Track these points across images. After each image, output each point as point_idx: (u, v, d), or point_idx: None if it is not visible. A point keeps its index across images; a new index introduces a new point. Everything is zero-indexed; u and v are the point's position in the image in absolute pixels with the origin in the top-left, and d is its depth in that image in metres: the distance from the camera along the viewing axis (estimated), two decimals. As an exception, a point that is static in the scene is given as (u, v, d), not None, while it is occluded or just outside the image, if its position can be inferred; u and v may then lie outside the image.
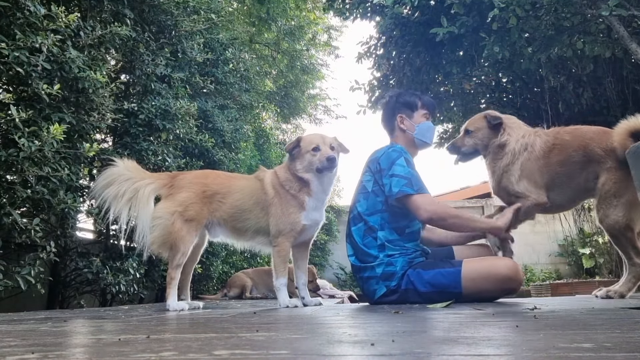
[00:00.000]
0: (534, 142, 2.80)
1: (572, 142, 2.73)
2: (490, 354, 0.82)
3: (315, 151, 2.64)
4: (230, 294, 5.43)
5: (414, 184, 2.66)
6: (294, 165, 2.69)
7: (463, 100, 7.65)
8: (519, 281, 2.54)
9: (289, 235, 2.65)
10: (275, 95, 11.01)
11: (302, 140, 2.73)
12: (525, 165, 2.77)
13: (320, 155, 2.63)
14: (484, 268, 2.55)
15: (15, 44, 2.56)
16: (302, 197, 2.65)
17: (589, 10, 4.57)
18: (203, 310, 2.52)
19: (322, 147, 2.65)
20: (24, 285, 2.66)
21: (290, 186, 2.67)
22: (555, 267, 10.63)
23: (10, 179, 2.63)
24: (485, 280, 2.52)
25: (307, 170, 2.65)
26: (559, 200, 2.83)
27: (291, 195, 2.66)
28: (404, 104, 3.01)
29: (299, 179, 2.66)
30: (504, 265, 2.54)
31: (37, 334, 1.35)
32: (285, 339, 1.09)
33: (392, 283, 2.65)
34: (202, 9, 4.97)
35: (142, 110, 3.89)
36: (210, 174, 2.93)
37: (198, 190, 2.68)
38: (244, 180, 2.87)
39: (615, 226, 2.57)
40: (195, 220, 2.63)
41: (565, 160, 2.72)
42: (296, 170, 2.66)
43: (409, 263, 2.68)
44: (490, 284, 2.51)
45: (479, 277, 2.52)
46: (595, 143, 2.65)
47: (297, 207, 2.65)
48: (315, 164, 2.63)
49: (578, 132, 2.77)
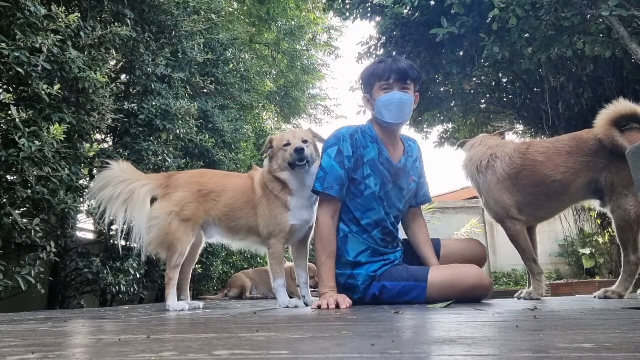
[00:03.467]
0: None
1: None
2: (490, 354, 0.82)
3: (286, 147, 2.59)
4: (230, 294, 5.43)
5: (326, 181, 2.53)
6: (271, 166, 2.66)
7: (463, 100, 7.65)
8: (484, 288, 2.49)
9: (280, 237, 2.64)
10: (275, 95, 11.00)
11: (274, 139, 2.69)
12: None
13: (290, 149, 2.56)
14: (449, 279, 2.48)
15: (15, 44, 2.56)
16: (284, 197, 2.62)
17: (589, 10, 4.57)
18: (203, 310, 2.51)
19: (293, 141, 2.59)
20: (24, 285, 2.66)
21: (272, 187, 2.65)
22: (555, 267, 10.63)
23: (10, 179, 2.63)
24: (450, 290, 2.46)
25: (282, 169, 2.62)
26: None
27: (275, 196, 2.64)
28: (363, 83, 2.74)
29: (277, 179, 2.63)
30: (469, 274, 2.48)
31: (37, 334, 1.35)
32: (285, 339, 1.09)
33: (355, 295, 2.58)
34: (202, 9, 4.97)
35: (142, 110, 3.89)
36: (205, 172, 2.93)
37: (194, 190, 2.68)
38: (237, 179, 2.86)
39: (625, 217, 2.56)
40: (192, 220, 2.62)
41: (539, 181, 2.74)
42: (273, 171, 2.64)
43: (370, 277, 2.60)
44: (455, 294, 2.45)
45: (444, 287, 2.47)
46: (577, 154, 2.66)
47: (282, 207, 2.62)
48: (287, 159, 2.58)
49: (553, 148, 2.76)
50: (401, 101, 2.57)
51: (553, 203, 2.81)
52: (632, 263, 2.60)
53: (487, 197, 2.87)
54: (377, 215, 2.64)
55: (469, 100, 7.73)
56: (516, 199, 2.78)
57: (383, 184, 2.64)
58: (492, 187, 2.83)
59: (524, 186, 2.75)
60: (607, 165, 2.58)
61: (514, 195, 2.78)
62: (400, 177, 2.70)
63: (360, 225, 2.64)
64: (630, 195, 2.53)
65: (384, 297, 2.57)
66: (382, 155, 2.66)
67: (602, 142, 2.56)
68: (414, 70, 2.61)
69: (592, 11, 4.51)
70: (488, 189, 2.85)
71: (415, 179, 2.79)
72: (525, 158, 2.77)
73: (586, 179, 2.65)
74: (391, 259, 2.69)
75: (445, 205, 10.96)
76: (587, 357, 0.76)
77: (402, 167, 2.71)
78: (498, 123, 8.65)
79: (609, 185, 2.59)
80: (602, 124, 2.55)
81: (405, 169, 2.73)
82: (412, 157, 2.79)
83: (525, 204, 2.78)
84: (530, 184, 2.74)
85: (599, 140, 2.57)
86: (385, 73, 2.58)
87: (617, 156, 2.49)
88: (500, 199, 2.80)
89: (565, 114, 6.62)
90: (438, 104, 7.62)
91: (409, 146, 2.82)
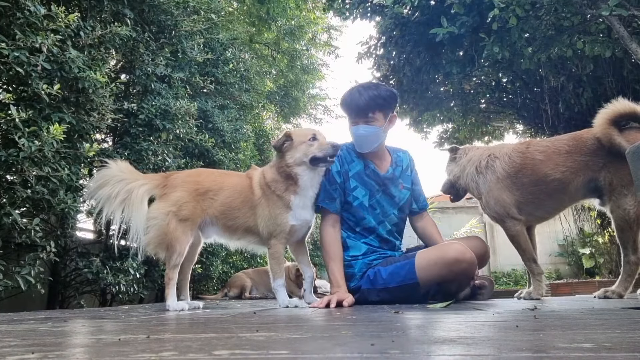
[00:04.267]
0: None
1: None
2: (490, 354, 0.82)
3: (312, 141, 2.62)
4: (230, 294, 5.43)
5: (320, 195, 2.76)
6: (283, 160, 2.64)
7: (463, 100, 7.66)
8: (466, 261, 2.53)
9: (280, 237, 2.64)
10: (275, 95, 11.00)
11: (294, 133, 2.69)
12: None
13: (320, 144, 2.60)
14: (434, 254, 2.61)
15: (15, 44, 2.56)
16: (288, 196, 2.62)
17: (589, 10, 4.57)
18: (203, 310, 2.51)
19: (320, 136, 2.65)
20: (24, 285, 2.66)
21: (276, 187, 2.63)
22: (555, 267, 10.63)
23: (10, 179, 2.63)
24: (435, 266, 2.56)
25: (298, 163, 2.61)
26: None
27: (277, 196, 2.63)
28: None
29: (287, 176, 2.62)
30: (452, 249, 2.57)
31: (37, 334, 1.35)
32: (285, 339, 1.09)
33: (351, 284, 2.74)
34: (202, 9, 4.97)
35: (142, 110, 3.89)
36: (203, 172, 2.93)
37: (191, 189, 2.67)
38: (235, 178, 2.84)
39: (625, 217, 2.57)
40: (190, 220, 2.61)
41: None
42: (287, 165, 2.62)
43: (367, 265, 2.76)
44: (440, 268, 2.54)
45: (429, 264, 2.57)
46: (576, 154, 2.66)
47: (283, 207, 2.62)
48: (312, 153, 2.59)
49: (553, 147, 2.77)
50: (364, 136, 2.77)
51: (553, 202, 2.81)
52: (632, 263, 2.60)
53: (487, 197, 2.87)
54: (369, 224, 2.83)
55: (469, 100, 7.74)
56: (516, 198, 2.78)
57: (372, 193, 2.85)
58: (492, 187, 2.83)
59: (524, 185, 2.76)
60: (606, 164, 2.58)
61: (514, 194, 2.78)
62: (389, 185, 2.88)
63: (357, 232, 2.85)
64: (630, 195, 2.53)
65: (378, 282, 2.66)
66: (369, 167, 2.86)
67: (600, 142, 2.56)
68: (379, 99, 2.72)
69: (592, 11, 4.51)
70: (488, 189, 2.85)
71: (406, 186, 2.95)
72: (524, 157, 2.77)
73: (585, 178, 2.65)
74: (388, 254, 2.84)
75: (446, 205, 10.94)
76: (587, 357, 0.76)
77: (390, 177, 2.89)
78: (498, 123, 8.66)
79: (607, 184, 2.59)
80: (601, 123, 2.55)
81: (394, 178, 2.91)
82: (400, 167, 2.97)
83: (525, 203, 2.78)
84: (530, 183, 2.74)
85: (598, 140, 2.58)
86: (347, 109, 2.81)
87: (616, 155, 2.50)
88: (500, 198, 2.80)
89: (565, 114, 6.62)
90: (438, 104, 7.62)
91: (397, 157, 2.99)
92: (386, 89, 2.81)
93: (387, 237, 2.86)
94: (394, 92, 2.83)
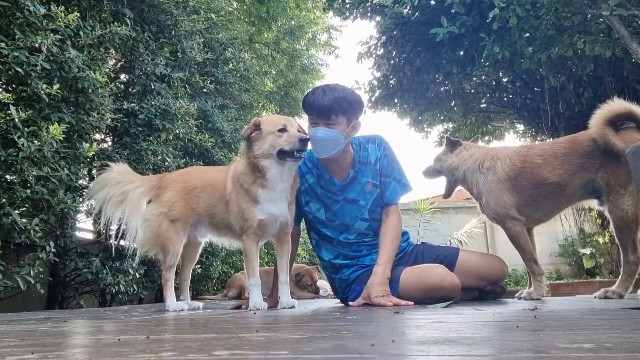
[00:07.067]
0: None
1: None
2: (490, 354, 0.82)
3: (281, 132, 2.38)
4: (230, 295, 5.42)
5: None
6: (251, 151, 2.42)
7: (463, 100, 7.66)
8: (445, 289, 2.46)
9: (249, 233, 2.45)
10: (275, 95, 10.98)
11: (262, 121, 2.44)
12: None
13: (289, 136, 2.36)
14: (414, 280, 2.54)
15: (15, 44, 2.56)
16: (255, 190, 2.42)
17: (589, 10, 4.56)
18: (203, 311, 2.51)
19: (290, 128, 2.40)
20: (23, 285, 2.66)
21: (244, 179, 2.44)
22: (555, 267, 10.62)
23: (10, 179, 2.63)
24: (415, 291, 2.50)
25: (265, 156, 2.39)
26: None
27: (244, 190, 2.45)
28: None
29: (254, 168, 2.41)
30: (433, 275, 2.51)
31: (36, 334, 1.35)
32: (286, 339, 1.09)
33: (341, 296, 2.81)
34: (202, 9, 4.97)
35: (141, 110, 3.88)
36: (192, 169, 2.91)
37: (179, 188, 2.63)
38: (216, 173, 2.71)
39: (623, 217, 2.56)
40: (181, 219, 2.57)
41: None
42: (254, 156, 2.40)
43: (345, 281, 2.74)
44: (421, 294, 2.48)
45: (411, 287, 2.52)
46: (572, 155, 2.66)
47: (250, 201, 2.43)
48: (280, 145, 2.35)
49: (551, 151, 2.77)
50: (322, 139, 2.50)
51: (551, 204, 2.82)
52: (632, 263, 2.59)
53: (488, 198, 2.87)
54: (330, 235, 2.74)
55: (469, 100, 7.74)
56: (516, 200, 2.79)
57: (326, 206, 2.70)
58: (492, 188, 2.83)
59: (523, 188, 2.77)
60: (603, 165, 2.59)
61: (514, 196, 2.79)
62: (348, 191, 2.68)
63: (324, 236, 2.77)
64: (627, 195, 2.53)
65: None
66: (323, 178, 2.70)
67: (596, 143, 2.57)
68: (344, 102, 2.49)
69: (593, 11, 4.50)
70: (489, 189, 2.85)
71: (375, 183, 2.70)
72: (524, 160, 2.79)
73: (582, 180, 2.66)
74: (366, 263, 2.70)
75: (446, 205, 10.94)
76: (587, 358, 0.75)
77: (349, 182, 2.68)
78: (498, 123, 8.65)
79: (605, 185, 2.60)
80: (597, 124, 2.55)
81: (355, 181, 2.68)
82: (365, 165, 2.71)
83: (524, 205, 2.79)
84: (529, 186, 2.76)
85: (594, 141, 2.58)
86: (309, 108, 2.54)
87: (612, 156, 2.50)
88: (501, 199, 2.81)
89: (566, 114, 6.62)
90: (438, 104, 7.62)
91: (362, 154, 2.72)
92: (353, 93, 2.59)
93: (355, 241, 2.72)
94: (360, 99, 2.63)
